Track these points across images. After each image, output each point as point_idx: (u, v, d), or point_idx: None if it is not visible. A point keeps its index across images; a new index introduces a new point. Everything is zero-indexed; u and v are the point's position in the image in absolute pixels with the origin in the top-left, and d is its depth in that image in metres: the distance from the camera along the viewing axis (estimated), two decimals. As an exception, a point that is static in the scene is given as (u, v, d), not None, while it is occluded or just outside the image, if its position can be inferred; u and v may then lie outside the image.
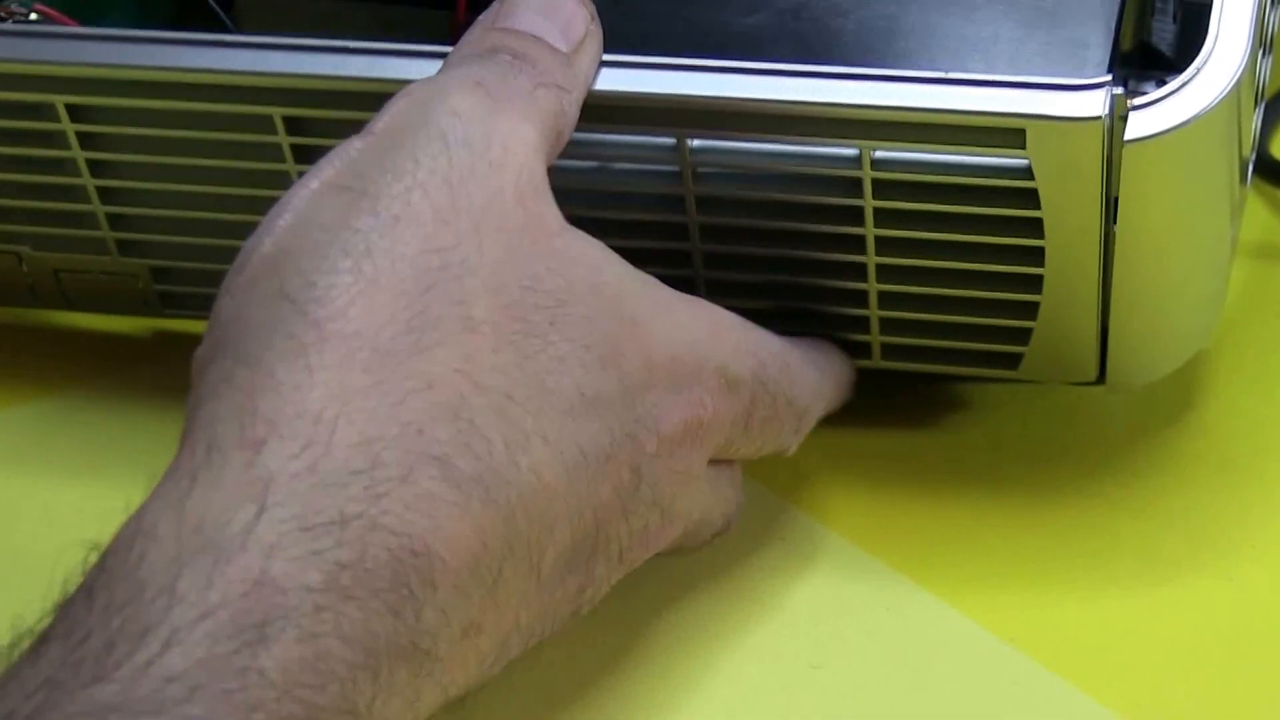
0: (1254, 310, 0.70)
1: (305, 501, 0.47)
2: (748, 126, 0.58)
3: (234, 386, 0.49)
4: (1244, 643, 0.59)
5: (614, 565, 0.55)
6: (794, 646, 0.60)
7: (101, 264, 0.67)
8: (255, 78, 0.59)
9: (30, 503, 0.66)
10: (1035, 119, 0.55)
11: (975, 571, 0.62)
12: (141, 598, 0.46)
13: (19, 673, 0.46)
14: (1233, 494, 0.64)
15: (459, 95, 0.53)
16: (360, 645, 0.47)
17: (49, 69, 0.60)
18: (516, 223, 0.52)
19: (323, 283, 0.49)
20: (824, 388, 0.62)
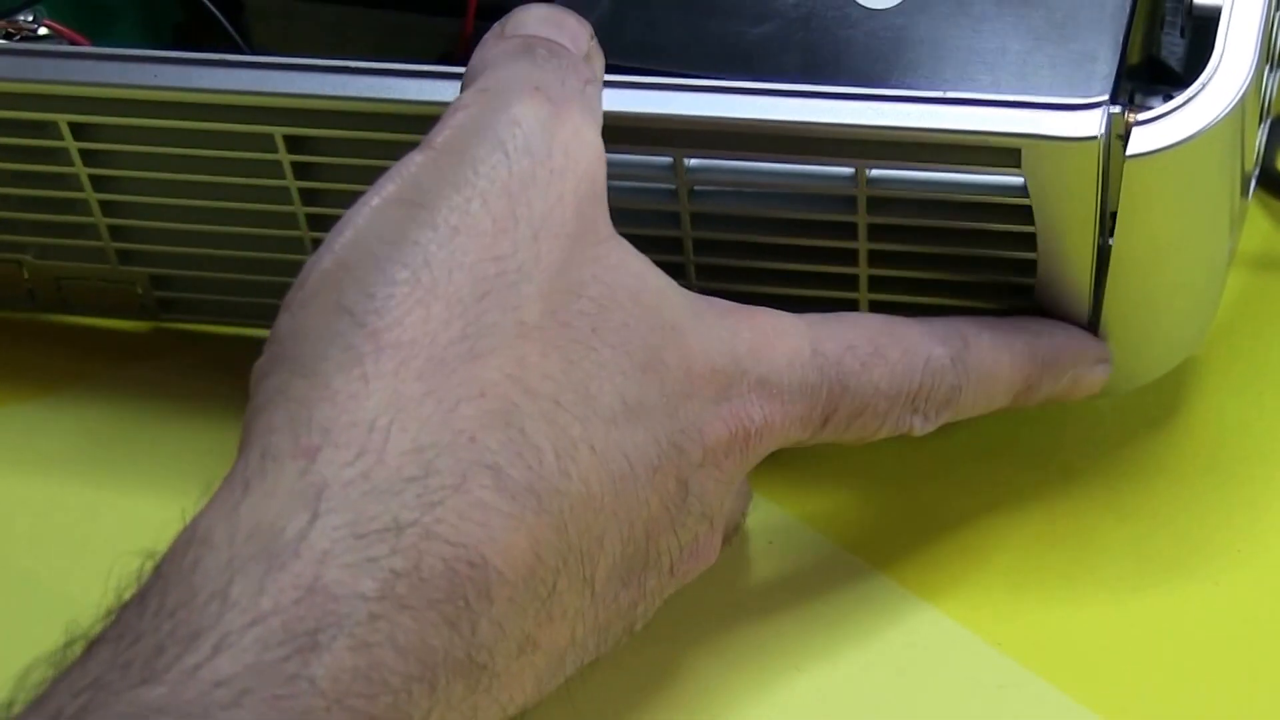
0: (1248, 318, 0.70)
1: (359, 508, 0.47)
2: (744, 146, 0.57)
3: (290, 397, 0.49)
4: (1230, 647, 0.59)
5: (666, 578, 0.55)
6: (780, 648, 0.60)
7: (102, 272, 0.67)
8: (256, 97, 0.59)
9: (71, 503, 0.66)
10: (1030, 139, 0.55)
11: (964, 575, 0.62)
12: (193, 602, 0.45)
13: (69, 674, 0.45)
14: (1220, 498, 0.63)
15: (520, 104, 0.52)
16: (415, 657, 0.47)
17: (51, 88, 0.60)
18: (572, 229, 0.52)
19: (381, 294, 0.49)
20: (971, 368, 0.60)
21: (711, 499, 0.55)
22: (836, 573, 0.62)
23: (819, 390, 0.56)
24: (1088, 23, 0.58)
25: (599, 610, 0.52)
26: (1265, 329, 0.70)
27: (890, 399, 0.57)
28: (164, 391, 0.69)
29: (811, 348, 0.56)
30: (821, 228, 0.59)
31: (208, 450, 0.53)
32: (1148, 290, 0.59)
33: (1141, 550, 0.62)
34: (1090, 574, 0.61)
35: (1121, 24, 0.58)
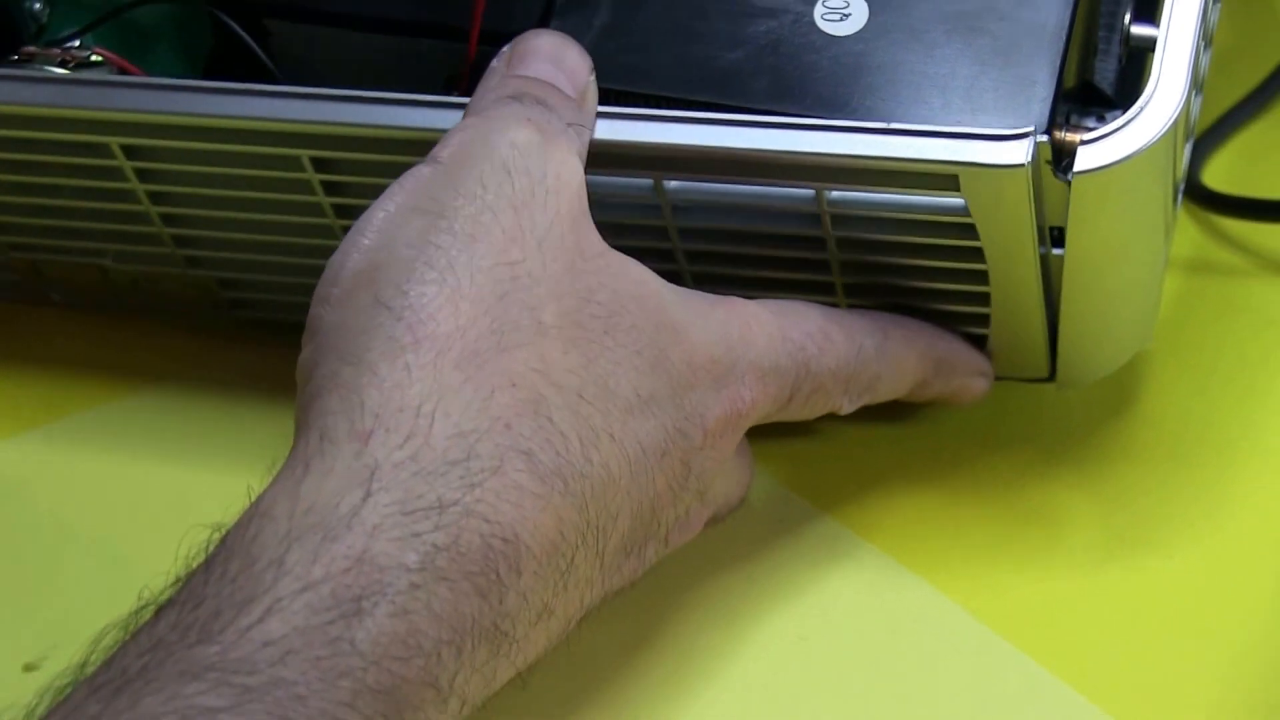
0: (1187, 315, 0.70)
1: (407, 488, 0.48)
2: (715, 170, 0.58)
3: (341, 383, 0.50)
4: (1184, 617, 0.60)
5: (661, 547, 0.56)
6: (783, 619, 0.61)
7: (173, 275, 0.68)
8: (283, 124, 0.60)
9: (154, 484, 0.67)
10: (966, 166, 0.56)
11: (948, 548, 0.63)
12: (252, 570, 0.47)
13: (137, 636, 0.47)
14: (1174, 479, 0.65)
15: (516, 130, 0.54)
16: (448, 624, 0.48)
17: (103, 114, 0.61)
18: (571, 243, 0.53)
19: (414, 292, 0.51)
20: (888, 358, 0.61)
21: (707, 476, 0.56)
22: (834, 547, 0.64)
23: (789, 371, 0.57)
24: (1028, 50, 0.58)
25: (606, 578, 0.53)
26: (1204, 324, 0.70)
27: (836, 380, 0.59)
28: (231, 388, 0.70)
29: (781, 334, 0.57)
30: (799, 241, 0.60)
31: (271, 436, 0.54)
32: (1098, 291, 0.60)
33: (1106, 527, 0.63)
34: (1058, 548, 0.63)
35: (1059, 52, 0.58)
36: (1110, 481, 0.65)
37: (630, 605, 0.57)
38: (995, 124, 0.56)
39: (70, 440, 0.69)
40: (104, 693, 0.45)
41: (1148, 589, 0.61)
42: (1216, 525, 0.63)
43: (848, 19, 0.60)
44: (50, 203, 0.66)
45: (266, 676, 0.45)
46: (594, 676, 0.59)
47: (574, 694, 0.58)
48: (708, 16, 0.61)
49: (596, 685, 0.59)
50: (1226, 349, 0.69)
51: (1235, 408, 0.67)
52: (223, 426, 0.68)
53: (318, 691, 0.45)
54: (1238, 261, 0.73)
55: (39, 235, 0.68)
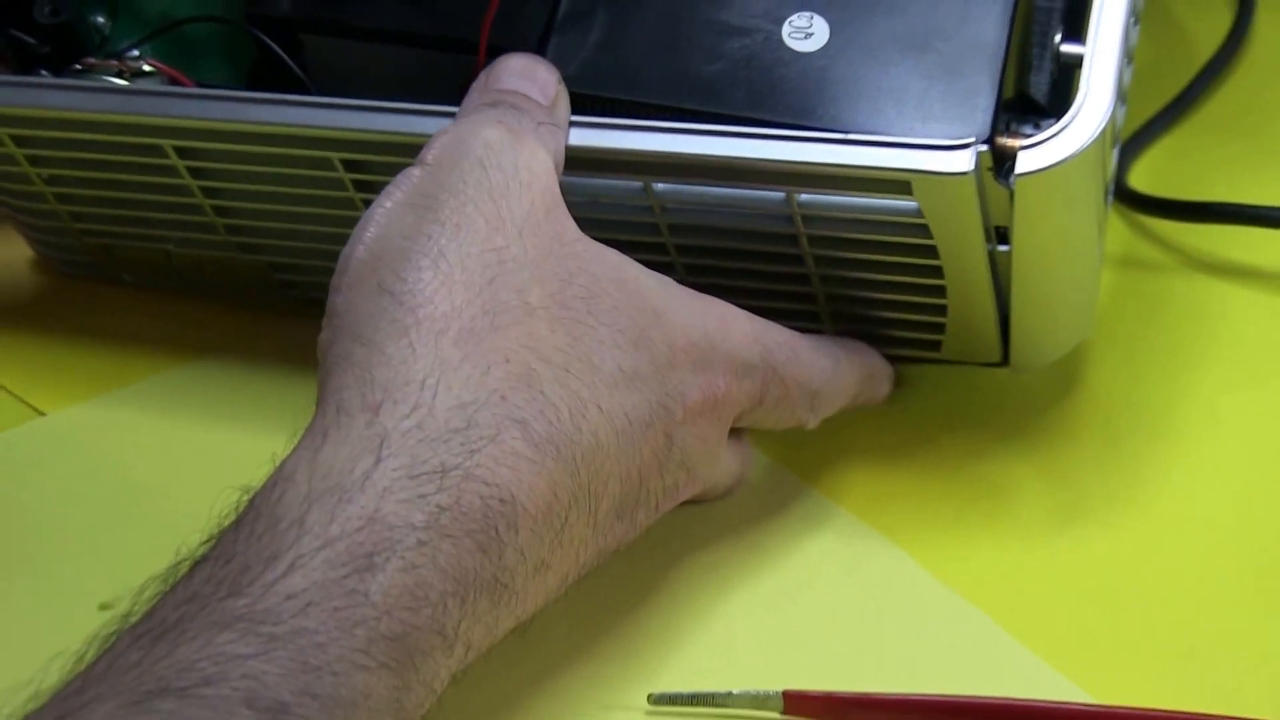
0: (1121, 307, 0.70)
1: (413, 454, 0.48)
2: (696, 174, 0.58)
3: (353, 361, 0.50)
4: (1122, 578, 0.60)
5: (650, 513, 0.56)
6: (769, 578, 0.61)
7: (229, 259, 0.68)
8: (315, 130, 0.60)
9: (209, 442, 0.67)
10: (918, 173, 0.56)
11: (917, 518, 0.63)
12: (276, 529, 0.47)
13: (175, 589, 0.47)
14: (1115, 456, 0.64)
15: (488, 130, 0.54)
16: (452, 576, 0.48)
17: (157, 120, 0.61)
18: (548, 229, 0.53)
19: (411, 278, 0.51)
20: (840, 374, 0.62)
21: (691, 451, 0.56)
22: (816, 515, 0.63)
23: (759, 371, 0.57)
24: (971, 66, 0.58)
25: (599, 538, 0.54)
26: (1137, 315, 0.70)
27: (803, 393, 0.59)
28: (278, 358, 0.69)
29: (754, 336, 0.58)
30: (776, 238, 0.60)
31: (310, 402, 0.53)
32: (1045, 282, 0.60)
33: (1053, 498, 0.63)
34: (1012, 518, 0.63)
35: (998, 67, 0.58)
36: (1057, 458, 0.65)
37: (628, 566, 0.57)
38: (943, 131, 0.57)
39: (137, 403, 0.68)
40: (144, 641, 0.45)
41: (1089, 554, 0.61)
42: (1151, 497, 0.63)
43: (812, 37, 0.60)
44: (116, 195, 0.66)
45: (289, 626, 0.45)
46: (594, 628, 0.59)
47: (576, 645, 0.58)
48: (690, 34, 0.61)
49: (596, 637, 0.58)
50: (1157, 339, 0.69)
51: (1166, 392, 0.67)
52: (269, 391, 0.68)
53: (335, 639, 0.45)
54: (1163, 258, 0.73)
55: (109, 223, 0.68)
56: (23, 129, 0.64)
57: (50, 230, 0.69)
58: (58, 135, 0.63)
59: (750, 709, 0.56)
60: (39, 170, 0.65)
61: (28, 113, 0.63)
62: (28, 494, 0.65)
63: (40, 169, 0.65)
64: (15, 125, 0.63)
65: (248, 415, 0.67)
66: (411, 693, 0.47)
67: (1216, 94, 0.79)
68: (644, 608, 0.60)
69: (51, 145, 0.64)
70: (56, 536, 0.64)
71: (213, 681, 0.44)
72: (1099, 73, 0.57)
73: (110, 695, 0.44)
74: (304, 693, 0.44)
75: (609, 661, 0.58)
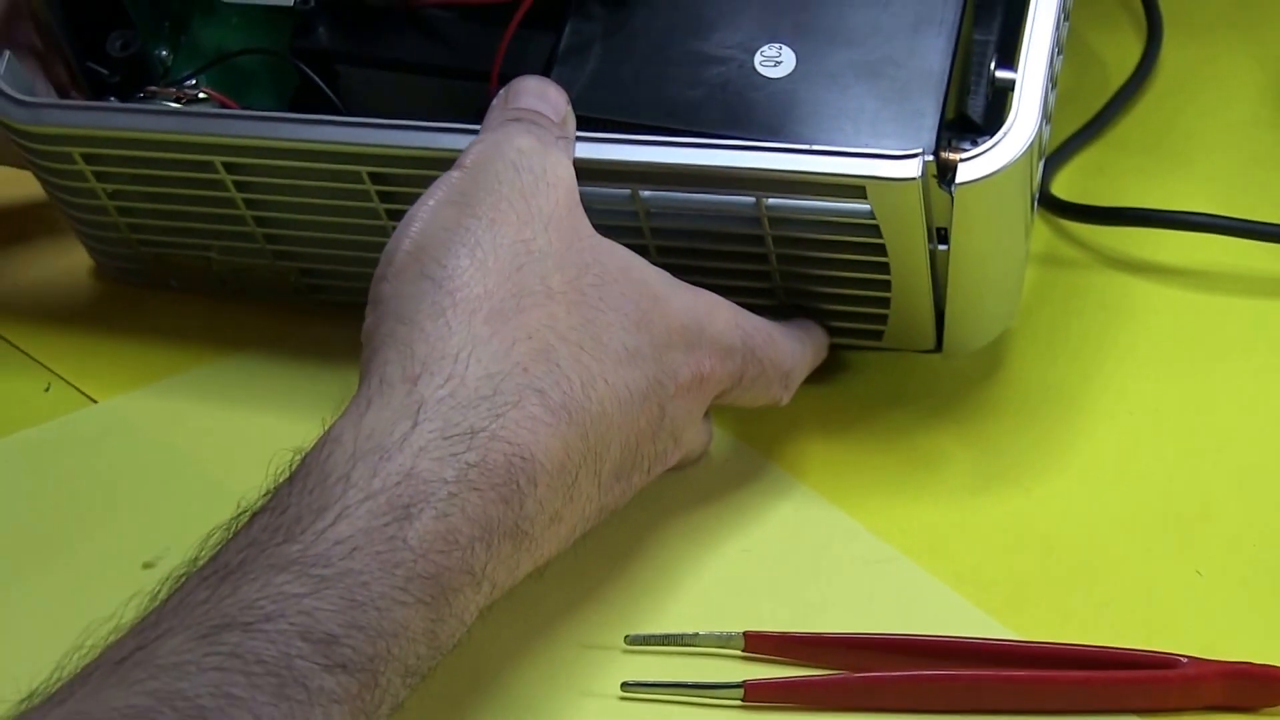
0: (1042, 300, 0.71)
1: (446, 418, 0.50)
2: (677, 182, 0.60)
3: (397, 339, 0.52)
4: (1037, 535, 0.62)
5: (643, 475, 0.57)
6: (733, 537, 0.63)
7: (264, 265, 0.69)
8: (346, 146, 0.62)
9: (241, 424, 0.68)
10: (872, 179, 0.57)
11: (856, 483, 0.64)
12: (325, 484, 0.48)
13: (236, 537, 0.49)
14: (1031, 430, 0.66)
15: (521, 138, 0.56)
16: (479, 524, 0.49)
17: (209, 138, 0.63)
18: (569, 225, 0.55)
19: (450, 265, 0.52)
20: (805, 353, 0.63)
21: (679, 422, 0.57)
22: (771, 482, 0.65)
23: (739, 353, 0.59)
24: (918, 90, 0.60)
25: (601, 496, 0.55)
26: (1055, 307, 0.71)
27: (777, 372, 0.61)
28: (304, 354, 0.71)
29: (735, 323, 0.59)
30: (741, 238, 0.61)
31: (330, 392, 0.55)
32: (976, 277, 0.62)
33: (978, 467, 0.65)
34: (943, 484, 0.64)
35: (942, 92, 0.60)
36: (982, 431, 0.66)
37: (609, 525, 0.58)
38: (894, 147, 0.58)
39: (180, 392, 0.70)
40: (210, 581, 0.47)
41: (1010, 515, 0.63)
42: (1063, 466, 0.65)
43: (780, 65, 0.62)
44: (170, 207, 0.67)
45: (338, 568, 0.47)
46: (577, 579, 0.60)
47: (560, 593, 0.59)
48: (673, 64, 0.62)
49: (578, 586, 0.60)
50: (1072, 327, 0.70)
51: (1079, 374, 0.68)
52: (300, 382, 0.69)
53: (378, 578, 0.47)
54: (1080, 257, 0.74)
55: (161, 233, 0.69)
56: (91, 148, 0.64)
57: (110, 240, 0.70)
58: (122, 154, 0.64)
59: (715, 647, 0.58)
60: (104, 185, 0.66)
61: (96, 133, 0.64)
62: (80, 470, 0.67)
63: (105, 184, 0.66)
64: (85, 145, 0.64)
65: (279, 404, 0.68)
66: (445, 625, 0.49)
67: (1128, 114, 0.80)
68: (622, 562, 0.61)
69: (116, 163, 0.65)
70: (105, 505, 0.65)
71: (272, 617, 0.45)
72: (1027, 96, 0.59)
73: (181, 629, 0.45)
74: (351, 626, 0.46)
75: (590, 607, 0.60)
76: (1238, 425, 0.66)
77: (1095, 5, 0.83)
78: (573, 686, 0.58)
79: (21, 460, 0.67)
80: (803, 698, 0.57)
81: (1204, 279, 0.73)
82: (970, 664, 0.57)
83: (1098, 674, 0.57)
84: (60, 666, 0.47)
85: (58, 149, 0.65)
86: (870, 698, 0.57)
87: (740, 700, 0.57)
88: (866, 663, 0.58)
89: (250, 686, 0.44)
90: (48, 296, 0.75)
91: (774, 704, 0.57)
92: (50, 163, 0.66)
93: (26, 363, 0.72)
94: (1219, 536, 0.62)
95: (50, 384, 0.71)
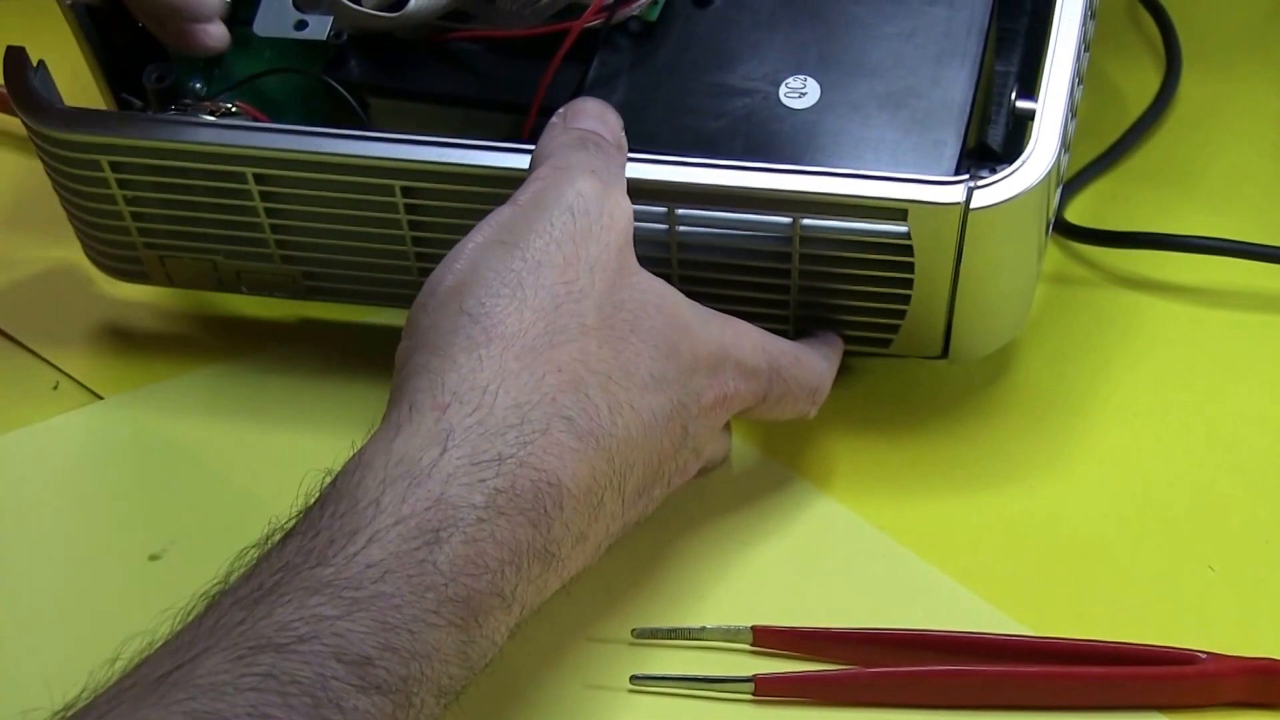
0: (1051, 314, 0.72)
1: (474, 445, 0.50)
2: (715, 201, 0.61)
3: (429, 368, 0.52)
4: (1044, 534, 0.63)
5: (664, 489, 0.58)
6: (739, 533, 0.64)
7: (269, 268, 0.69)
8: (379, 160, 0.62)
9: (228, 429, 0.69)
10: (915, 203, 0.58)
11: (861, 482, 0.65)
12: (356, 508, 0.49)
13: (269, 556, 0.49)
14: (1034, 433, 0.67)
15: (582, 180, 0.56)
16: (508, 548, 0.50)
17: (240, 150, 0.63)
18: (614, 266, 0.55)
19: (489, 304, 0.53)
20: (831, 370, 0.64)
21: (701, 439, 0.58)
22: (774, 481, 0.66)
23: (764, 374, 0.60)
24: (940, 120, 0.61)
25: (625, 513, 0.56)
26: (1063, 321, 0.72)
27: (803, 390, 0.62)
28: (311, 352, 0.72)
29: (762, 347, 0.60)
30: (768, 255, 0.62)
31: (336, 390, 0.57)
32: (985, 296, 0.63)
33: (983, 467, 0.66)
34: (944, 482, 0.65)
35: (963, 122, 0.61)
36: (988, 432, 0.67)
37: (642, 538, 0.59)
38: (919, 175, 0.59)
39: (188, 390, 0.71)
40: (245, 603, 0.47)
41: (1017, 512, 0.64)
42: (1069, 465, 0.66)
43: (804, 96, 0.63)
44: (189, 214, 0.67)
45: (370, 591, 0.47)
46: (585, 575, 0.59)
47: (568, 589, 0.58)
48: (697, 96, 0.63)
49: (586, 582, 0.59)
50: (1079, 338, 0.71)
51: (1086, 380, 0.69)
52: (300, 384, 0.70)
53: (410, 601, 0.48)
54: (1089, 275, 0.74)
55: (171, 238, 0.69)
56: (121, 156, 0.65)
57: (114, 242, 0.70)
58: (151, 163, 0.65)
59: (723, 641, 0.59)
60: (124, 192, 0.66)
61: (130, 143, 0.64)
62: (87, 465, 0.68)
63: (125, 191, 0.66)
64: (115, 154, 0.65)
65: (283, 404, 0.69)
66: (476, 646, 0.50)
67: (1144, 145, 0.80)
68: (629, 558, 0.61)
69: (142, 171, 0.65)
70: (112, 499, 0.66)
71: (306, 639, 0.46)
72: (1047, 126, 0.60)
73: (218, 649, 0.46)
74: (385, 647, 0.47)
75: (597, 602, 0.61)
76: (1243, 428, 0.67)
77: (1115, 38, 0.84)
78: (581, 680, 0.59)
79: (30, 455, 0.69)
80: (814, 692, 0.58)
81: (1209, 296, 0.73)
82: (983, 659, 0.58)
83: (1116, 669, 0.57)
84: (92, 675, 0.48)
85: (86, 156, 0.66)
86: (883, 693, 0.57)
87: (751, 694, 0.57)
88: (877, 658, 0.58)
89: (286, 707, 0.45)
90: (55, 297, 0.76)
91: (784, 698, 0.58)
92: (75, 169, 0.67)
93: (35, 362, 0.73)
94: (1230, 534, 0.63)
95: (58, 382, 0.72)
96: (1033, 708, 0.57)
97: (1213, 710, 0.57)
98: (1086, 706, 0.57)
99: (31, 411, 0.70)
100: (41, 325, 0.74)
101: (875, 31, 0.64)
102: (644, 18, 0.66)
